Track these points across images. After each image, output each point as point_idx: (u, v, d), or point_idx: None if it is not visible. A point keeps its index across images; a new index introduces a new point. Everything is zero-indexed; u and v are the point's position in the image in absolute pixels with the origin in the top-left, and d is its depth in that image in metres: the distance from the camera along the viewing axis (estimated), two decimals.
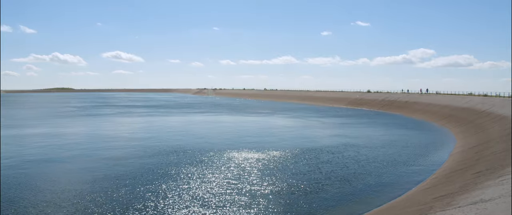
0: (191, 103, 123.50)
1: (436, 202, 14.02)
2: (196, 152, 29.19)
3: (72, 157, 27.77)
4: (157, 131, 44.68)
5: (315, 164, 24.71)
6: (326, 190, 18.83)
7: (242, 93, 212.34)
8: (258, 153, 28.69)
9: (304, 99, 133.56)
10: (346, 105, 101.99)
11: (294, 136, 39.78)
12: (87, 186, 19.27)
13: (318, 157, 27.11)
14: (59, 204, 16.39)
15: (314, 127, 49.32)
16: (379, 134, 41.49)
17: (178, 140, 36.15)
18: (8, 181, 20.25)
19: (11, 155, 28.22)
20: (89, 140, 37.22)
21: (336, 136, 39.90)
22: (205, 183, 19.90)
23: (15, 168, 23.59)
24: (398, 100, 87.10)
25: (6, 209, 15.73)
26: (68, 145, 33.29)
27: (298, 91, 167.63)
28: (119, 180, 20.42)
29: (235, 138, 37.45)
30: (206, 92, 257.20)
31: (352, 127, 48.89)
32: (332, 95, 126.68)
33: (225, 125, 52.19)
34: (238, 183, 19.80)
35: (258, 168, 23.55)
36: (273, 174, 21.86)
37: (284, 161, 25.63)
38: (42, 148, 31.81)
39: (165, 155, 27.97)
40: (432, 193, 16.34)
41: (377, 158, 27.49)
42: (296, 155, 27.81)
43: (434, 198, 15.00)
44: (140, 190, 18.57)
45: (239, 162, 25.21)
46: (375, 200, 17.47)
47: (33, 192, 18.22)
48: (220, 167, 23.66)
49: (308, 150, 30.17)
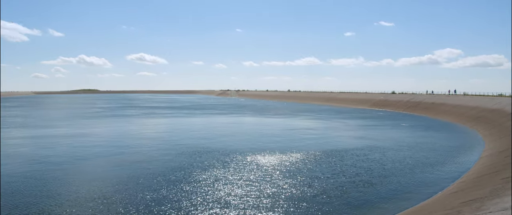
0: (214, 105, 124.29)
1: (464, 207, 13.65)
2: (218, 153, 29.32)
3: (97, 157, 28.32)
4: (180, 132, 45.13)
5: (339, 167, 24.46)
6: (350, 193, 18.60)
7: (265, 94, 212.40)
8: (280, 154, 28.60)
9: (327, 101, 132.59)
10: (370, 107, 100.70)
11: (317, 137, 39.48)
12: (111, 186, 19.61)
13: (341, 160, 26.83)
14: (83, 204, 16.73)
15: (337, 129, 48.86)
16: (405, 136, 40.77)
17: (201, 141, 36.40)
18: (33, 181, 20.78)
19: (37, 155, 28.99)
20: (114, 140, 37.88)
21: (360, 138, 39.43)
22: (227, 184, 19.96)
23: (40, 168, 24.20)
24: (424, 102, 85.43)
25: (31, 207, 16.14)
26: (94, 145, 33.95)
27: (322, 93, 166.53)
28: (142, 181, 20.70)
29: (258, 140, 37.44)
30: (229, 94, 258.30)
31: (377, 129, 48.22)
32: (356, 96, 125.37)
33: (248, 126, 52.30)
34: (260, 185, 19.77)
35: (280, 170, 23.47)
36: (296, 176, 21.74)
37: (307, 163, 25.46)
38: (68, 148, 32.54)
39: (188, 156, 28.20)
40: (459, 198, 15.92)
41: (403, 160, 27.00)
42: (319, 157, 27.59)
43: (462, 202, 14.61)
44: (163, 190, 18.78)
45: (262, 164, 25.18)
46: (400, 204, 17.14)
47: (57, 192, 18.65)
48: (242, 169, 23.69)
49: (332, 152, 29.89)
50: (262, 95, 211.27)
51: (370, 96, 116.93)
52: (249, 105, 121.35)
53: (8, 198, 17.57)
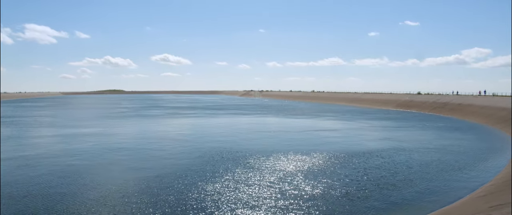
0: (238, 105, 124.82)
1: (493, 211, 13.37)
2: (241, 153, 29.49)
3: (121, 157, 28.94)
4: (204, 132, 45.56)
5: (363, 169, 24.25)
6: (374, 196, 18.43)
7: (289, 95, 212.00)
8: (304, 155, 28.54)
9: (351, 102, 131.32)
10: (395, 108, 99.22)
11: (341, 138, 39.20)
12: (134, 186, 20.01)
13: (366, 161, 26.59)
14: (106, 203, 17.14)
15: (362, 130, 48.37)
16: (431, 138, 40.02)
17: (224, 141, 36.68)
18: (57, 180, 21.40)
19: (64, 153, 29.82)
20: (138, 140, 38.58)
21: (385, 139, 38.94)
22: (250, 185, 20.07)
23: (67, 167, 24.90)
24: (451, 103, 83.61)
25: (57, 204, 16.64)
26: (118, 145, 34.66)
27: (345, 93, 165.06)
28: (165, 180, 21.04)
29: (281, 140, 37.44)
30: (253, 94, 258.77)
31: (402, 130, 47.51)
32: (380, 97, 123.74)
33: (271, 127, 52.36)
34: (282, 186, 19.82)
35: (303, 171, 23.45)
36: (318, 178, 21.69)
37: (330, 165, 25.34)
38: (94, 147, 33.34)
39: (211, 156, 28.47)
40: (488, 201, 15.59)
41: (429, 162, 26.53)
42: (343, 159, 27.41)
43: (491, 206, 14.30)
44: (186, 191, 19.04)
45: (284, 165, 25.21)
46: (426, 206, 16.86)
47: (80, 191, 19.17)
48: (265, 169, 23.77)
49: (356, 153, 29.65)
50: (286, 96, 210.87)
51: (395, 97, 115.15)
52: (273, 106, 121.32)
53: (35, 195, 18.20)
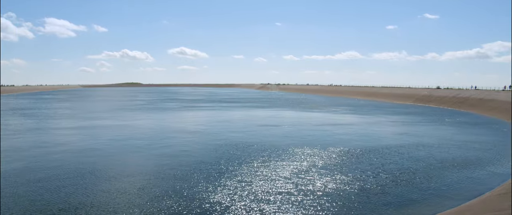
0: (254, 99, 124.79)
1: None
2: (256, 147, 29.43)
3: (137, 148, 29.23)
4: (220, 125, 45.65)
5: (380, 164, 23.92)
6: (392, 192, 18.16)
7: (305, 88, 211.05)
8: (320, 150, 28.32)
9: (369, 96, 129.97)
10: (413, 102, 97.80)
11: (358, 133, 38.77)
12: (149, 177, 20.17)
13: (383, 157, 26.23)
14: (120, 194, 17.30)
15: (379, 124, 47.79)
16: (450, 133, 39.25)
17: (239, 134, 36.68)
18: (73, 171, 21.69)
19: (81, 145, 30.26)
20: (154, 132, 38.87)
21: (403, 134, 38.36)
22: (265, 179, 20.01)
23: (83, 157, 25.23)
24: (471, 98, 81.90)
25: (71, 195, 16.86)
26: (134, 137, 35.01)
27: (363, 87, 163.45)
28: (180, 173, 21.13)
29: (297, 134, 37.23)
30: (270, 88, 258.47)
31: (421, 125, 46.73)
32: (399, 91, 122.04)
33: (288, 121, 52.13)
34: (297, 181, 19.69)
35: (319, 165, 23.27)
36: (335, 173, 21.49)
37: (347, 160, 25.09)
38: (111, 139, 33.75)
39: (226, 149, 28.50)
40: (509, 199, 15.18)
41: (448, 158, 26.01)
42: (360, 154, 27.11)
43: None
44: (201, 183, 19.09)
45: (300, 159, 25.05)
46: (444, 203, 16.53)
47: (96, 181, 19.40)
48: (280, 163, 23.66)
49: (373, 148, 29.29)
50: (303, 89, 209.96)
51: (413, 92, 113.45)
52: (290, 99, 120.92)
53: (50, 186, 18.49)
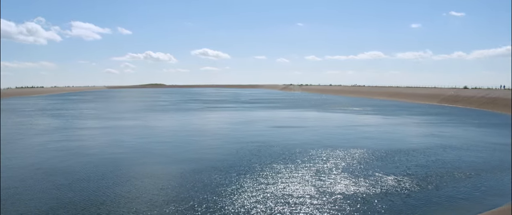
0: (277, 99, 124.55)
1: None
2: (279, 148, 29.21)
3: (159, 149, 29.44)
4: (242, 126, 45.60)
5: (405, 167, 23.31)
6: (416, 196, 17.58)
7: (328, 89, 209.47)
8: (342, 151, 27.88)
9: (392, 96, 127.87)
10: (439, 103, 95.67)
11: (382, 134, 38.06)
12: (171, 179, 20.21)
13: (408, 159, 25.58)
14: (141, 194, 17.37)
15: (403, 125, 46.85)
16: (480, 135, 37.99)
17: (262, 135, 36.52)
18: (95, 170, 21.97)
19: (106, 145, 30.70)
20: (177, 133, 39.14)
21: (429, 135, 37.42)
22: (285, 180, 19.76)
23: (106, 157, 25.56)
24: (502, 98, 79.35)
25: (93, 194, 17.05)
26: (157, 137, 35.32)
27: (387, 88, 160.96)
28: (202, 173, 21.09)
29: (320, 135, 36.80)
30: (292, 88, 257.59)
31: (447, 126, 45.52)
32: (424, 91, 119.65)
33: (311, 121, 51.71)
34: (319, 183, 19.38)
35: (341, 167, 22.87)
36: (357, 175, 21.06)
37: (370, 162, 24.58)
38: (133, 139, 34.14)
39: (248, 150, 28.36)
40: None
41: (478, 162, 25.06)
42: (383, 156, 26.54)
43: None
44: (221, 184, 19.00)
45: (322, 160, 24.69)
46: (474, 209, 15.89)
47: (118, 181, 19.58)
48: (302, 165, 23.38)
49: (397, 150, 28.64)
50: (326, 90, 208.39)
51: (439, 92, 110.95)
52: (312, 99, 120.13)
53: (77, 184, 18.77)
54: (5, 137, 36.87)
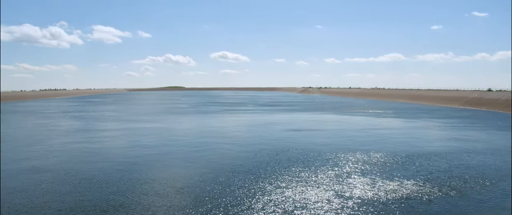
0: (296, 102, 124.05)
1: None
2: (297, 151, 28.94)
3: (178, 151, 29.50)
4: (261, 128, 45.43)
5: (427, 172, 22.72)
6: (438, 202, 17.06)
7: (348, 92, 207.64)
8: (362, 155, 27.42)
9: (413, 99, 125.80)
10: (462, 106, 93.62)
11: (403, 137, 37.34)
12: (188, 182, 20.18)
13: (430, 164, 24.95)
14: (160, 197, 17.37)
15: (425, 129, 45.90)
16: (505, 139, 36.77)
17: (280, 138, 36.29)
18: (115, 172, 22.09)
19: (125, 146, 30.97)
20: (195, 135, 39.23)
21: (452, 139, 36.51)
22: (303, 184, 19.50)
23: (125, 159, 25.72)
24: None
25: (111, 196, 17.10)
26: (176, 140, 35.44)
27: (407, 90, 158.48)
28: (220, 176, 21.02)
29: (339, 138, 36.35)
30: (311, 91, 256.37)
31: (471, 130, 44.37)
32: (446, 94, 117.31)
33: (329, 124, 51.21)
34: (338, 187, 19.04)
35: (360, 171, 22.45)
36: (377, 180, 20.63)
37: (390, 166, 24.08)
38: (152, 141, 34.34)
39: (267, 153, 28.19)
40: None
41: (504, 167, 24.24)
42: (404, 160, 25.97)
43: None
44: (239, 187, 18.87)
45: (341, 164, 24.31)
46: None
47: (136, 183, 19.65)
48: (321, 168, 23.05)
49: (419, 154, 28.01)
50: (345, 92, 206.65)
51: (462, 94, 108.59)
52: (332, 102, 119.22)
53: (96, 185, 18.92)
54: (27, 139, 37.70)
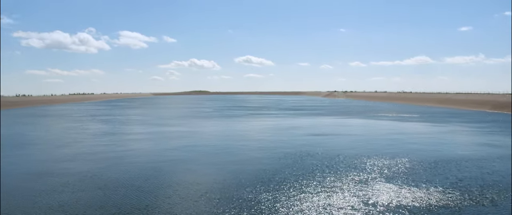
0: (321, 106, 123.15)
1: None
2: (321, 155, 28.56)
3: (203, 155, 29.62)
4: (286, 132, 45.17)
5: (457, 179, 21.89)
6: (471, 211, 16.42)
7: (374, 96, 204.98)
8: (388, 160, 26.80)
9: (441, 103, 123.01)
10: (492, 109, 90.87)
11: (430, 143, 36.32)
12: (213, 185, 20.12)
13: (460, 170, 24.09)
14: (183, 200, 17.36)
15: (453, 133, 44.64)
16: None
17: (305, 142, 35.93)
18: (140, 175, 22.28)
19: (150, 150, 31.29)
20: (220, 139, 39.35)
21: (482, 144, 35.30)
22: (327, 191, 19.13)
23: (150, 162, 25.95)
24: None
25: (135, 199, 17.21)
26: (201, 143, 35.62)
27: (435, 94, 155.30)
28: (244, 180, 20.90)
29: (364, 143, 35.66)
30: (337, 95, 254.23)
31: (503, 135, 42.70)
32: (475, 97, 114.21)
33: (354, 129, 50.48)
34: (362, 193, 18.60)
35: (386, 178, 21.90)
36: (403, 187, 20.03)
37: (418, 172, 23.39)
38: (177, 144, 34.60)
39: (291, 157, 27.92)
40: None
41: None
42: (432, 166, 25.20)
43: None
44: (263, 192, 18.70)
45: (366, 170, 23.80)
46: None
47: (160, 187, 19.73)
48: (344, 174, 22.61)
49: (448, 160, 27.14)
50: (371, 96, 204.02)
51: (493, 98, 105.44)
52: (357, 106, 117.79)
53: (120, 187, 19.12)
54: (55, 141, 38.63)
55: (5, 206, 16.86)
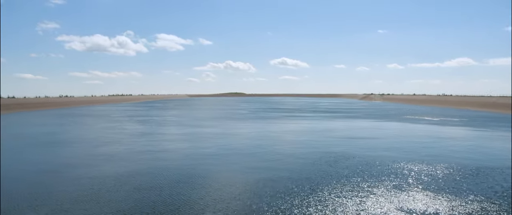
0: (357, 109, 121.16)
1: None
2: (357, 160, 28.02)
3: (237, 157, 29.65)
4: (321, 135, 44.68)
5: (501, 187, 20.78)
6: None
7: (412, 99, 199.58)
8: (426, 165, 25.92)
9: (484, 106, 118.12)
10: None
11: (472, 148, 34.80)
12: (246, 189, 20.12)
13: (505, 178, 22.81)
14: (217, 202, 17.41)
15: (498, 139, 42.68)
16: None
17: (340, 146, 35.38)
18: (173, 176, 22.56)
19: (185, 152, 31.70)
20: (254, 141, 39.34)
21: None
22: (361, 196, 18.70)
23: (184, 163, 26.25)
24: None
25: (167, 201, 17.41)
26: (235, 145, 35.74)
27: (478, 97, 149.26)
28: (278, 183, 20.78)
29: (401, 147, 34.70)
30: (373, 98, 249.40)
31: None
32: None
33: (391, 133, 49.26)
34: (398, 200, 18.03)
35: (423, 184, 21.17)
36: (441, 194, 19.26)
37: (458, 179, 22.46)
38: (212, 145, 34.88)
39: (325, 161, 27.56)
40: None
41: None
42: (474, 173, 24.12)
43: None
44: (296, 195, 18.52)
45: (402, 175, 23.11)
46: None
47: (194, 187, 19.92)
48: (380, 179, 22.05)
49: (490, 167, 25.84)
50: (409, 99, 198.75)
51: None
52: (394, 109, 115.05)
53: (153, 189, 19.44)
54: (94, 141, 39.88)
55: (45, 198, 17.52)
